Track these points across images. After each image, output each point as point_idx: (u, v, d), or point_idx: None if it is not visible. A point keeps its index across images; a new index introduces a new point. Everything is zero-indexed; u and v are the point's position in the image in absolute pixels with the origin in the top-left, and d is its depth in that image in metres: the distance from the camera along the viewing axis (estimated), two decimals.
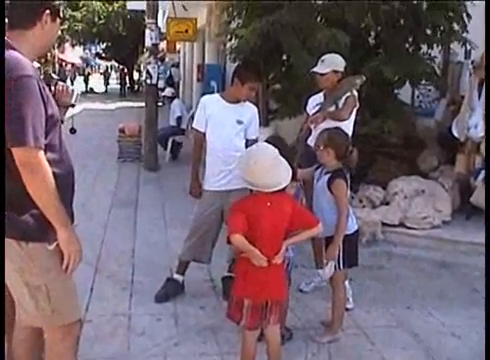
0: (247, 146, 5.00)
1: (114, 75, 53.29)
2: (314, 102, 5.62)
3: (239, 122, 4.98)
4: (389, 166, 8.16)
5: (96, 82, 47.04)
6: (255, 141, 4.96)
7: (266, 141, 3.96)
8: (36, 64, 2.95)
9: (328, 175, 4.40)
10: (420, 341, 4.64)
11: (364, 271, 5.83)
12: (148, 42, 11.38)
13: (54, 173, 2.69)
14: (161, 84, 19.54)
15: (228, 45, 8.33)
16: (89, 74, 47.57)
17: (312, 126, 5.37)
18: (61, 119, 3.31)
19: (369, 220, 6.67)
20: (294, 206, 3.63)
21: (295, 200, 3.76)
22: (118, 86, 40.81)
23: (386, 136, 7.75)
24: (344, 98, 5.35)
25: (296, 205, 3.68)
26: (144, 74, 12.08)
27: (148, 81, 11.49)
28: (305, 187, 4.67)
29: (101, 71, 75.28)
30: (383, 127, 7.29)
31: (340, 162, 4.43)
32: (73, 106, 3.41)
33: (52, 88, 3.19)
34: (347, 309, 4.91)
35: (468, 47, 7.68)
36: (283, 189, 3.58)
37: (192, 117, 5.35)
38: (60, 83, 3.33)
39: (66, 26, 33.84)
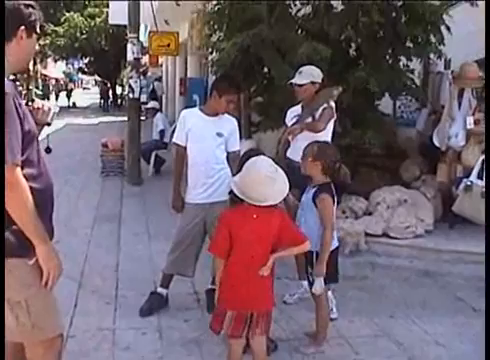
0: (228, 159, 5.03)
1: (97, 90, 53.21)
2: (292, 114, 5.69)
3: (219, 135, 5.00)
4: (371, 176, 8.19)
5: (79, 97, 46.98)
6: (236, 153, 4.99)
7: (245, 154, 3.97)
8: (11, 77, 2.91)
9: (314, 189, 4.41)
10: (404, 350, 4.65)
11: (348, 281, 5.83)
12: (130, 56, 11.38)
13: (32, 188, 2.70)
14: (144, 98, 19.60)
15: (210, 58, 8.36)
16: (72, 89, 47.48)
17: (290, 138, 5.44)
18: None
19: (352, 230, 6.70)
20: (283, 221, 3.62)
21: (285, 215, 3.74)
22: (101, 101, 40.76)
23: (368, 146, 7.79)
24: (321, 109, 5.40)
25: (285, 220, 3.66)
26: (126, 88, 12.07)
27: (130, 95, 11.50)
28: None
29: (84, 86, 75.34)
30: (364, 138, 7.33)
31: (327, 176, 4.42)
32: (49, 125, 3.35)
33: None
34: (331, 319, 4.93)
35: (447, 57, 7.78)
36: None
37: (174, 131, 5.35)
38: (37, 100, 3.31)
39: (48, 41, 33.83)
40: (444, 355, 4.59)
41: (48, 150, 3.74)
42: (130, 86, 11.40)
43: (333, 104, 5.48)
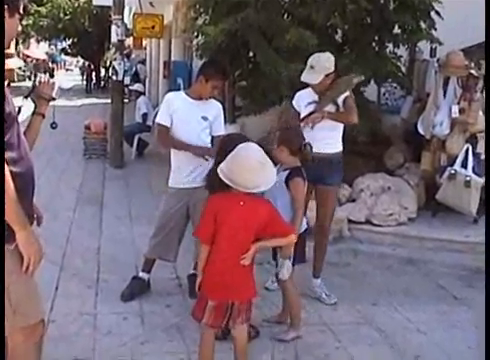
0: (212, 143, 4.99)
1: (79, 71, 52.73)
2: (305, 100, 5.25)
3: (204, 118, 4.96)
4: (356, 163, 8.18)
5: (61, 78, 46.50)
6: (221, 137, 4.94)
7: (224, 138, 3.96)
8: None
9: (286, 172, 4.38)
10: (386, 337, 4.66)
11: (330, 268, 5.83)
12: (114, 38, 11.26)
13: (13, 172, 2.63)
14: (127, 81, 19.44)
15: (195, 42, 8.28)
16: (53, 69, 46.94)
17: (309, 126, 5.03)
18: (42, 113, 3.28)
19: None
20: (271, 211, 3.60)
21: (273, 205, 3.71)
22: (84, 82, 40.38)
23: (354, 134, 7.75)
24: (343, 98, 5.11)
25: (272, 211, 3.63)
26: (110, 70, 11.95)
27: (114, 77, 11.38)
28: None
29: (66, 67, 74.62)
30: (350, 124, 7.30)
31: (297, 159, 4.40)
32: (54, 99, 3.38)
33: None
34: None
35: (434, 45, 7.76)
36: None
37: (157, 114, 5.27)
38: (41, 75, 3.28)
39: (31, 21, 33.38)
40: (426, 342, 4.61)
41: (54, 125, 3.74)
42: (114, 68, 11.27)
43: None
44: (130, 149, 12.19)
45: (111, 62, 12.06)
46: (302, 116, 5.18)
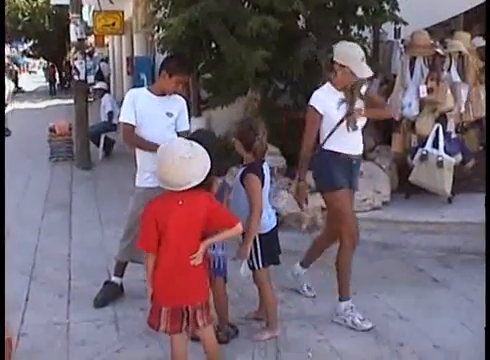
0: None
1: (42, 73, 52.05)
2: (333, 99, 4.57)
3: (169, 114, 4.84)
4: None
5: (25, 81, 45.92)
6: (187, 133, 4.80)
7: (190, 136, 3.85)
8: None
9: (242, 169, 4.25)
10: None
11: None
12: (73, 37, 11.03)
13: None
14: (91, 79, 19.19)
15: (156, 36, 8.11)
16: (17, 72, 46.19)
17: (354, 127, 4.57)
18: None
19: (308, 206, 6.57)
20: (210, 205, 3.44)
21: (213, 198, 3.54)
22: (47, 84, 39.83)
23: None
24: (365, 90, 4.75)
25: (213, 204, 3.47)
26: (73, 70, 11.72)
27: (76, 77, 11.16)
28: None
29: (30, 70, 73.61)
30: None
31: (255, 155, 4.22)
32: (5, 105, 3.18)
33: None
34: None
35: (398, 26, 7.68)
36: (208, 187, 3.43)
37: None
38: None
39: None
40: (408, 329, 4.54)
41: (7, 133, 3.56)
42: (75, 68, 11.05)
43: None
44: (97, 149, 11.98)
45: (72, 62, 11.82)
46: (341, 118, 4.55)
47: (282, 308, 4.66)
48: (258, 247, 4.25)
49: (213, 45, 7.59)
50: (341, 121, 4.54)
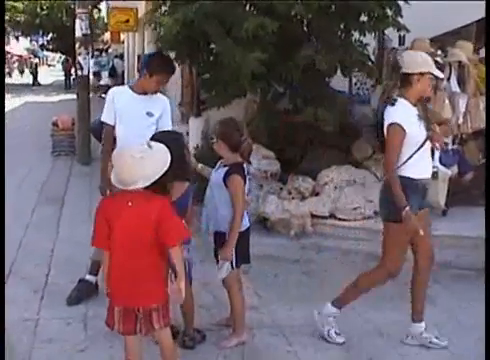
0: None
1: (60, 67, 52.33)
2: (413, 114, 4.18)
3: (149, 114, 4.77)
4: (324, 155, 7.99)
5: (43, 74, 46.12)
6: None
7: (152, 136, 3.81)
8: None
9: (225, 168, 4.16)
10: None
11: (291, 265, 5.66)
12: (78, 32, 11.07)
13: None
14: (105, 75, 19.22)
15: (154, 34, 8.06)
16: (36, 65, 46.38)
17: (440, 147, 4.42)
18: None
19: (297, 212, 6.48)
20: (162, 210, 3.27)
21: (168, 205, 3.34)
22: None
23: (320, 124, 7.56)
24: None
25: (165, 210, 3.29)
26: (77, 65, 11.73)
27: (79, 72, 11.19)
28: None
29: (49, 63, 74.03)
30: (316, 115, 7.12)
31: (237, 155, 4.17)
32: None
33: None
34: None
35: (403, 33, 7.58)
36: (162, 190, 3.32)
37: None
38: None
39: (7, 17, 33.03)
40: (384, 345, 4.41)
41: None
42: (79, 63, 11.06)
43: None
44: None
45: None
46: (424, 137, 4.19)
47: (254, 314, 4.58)
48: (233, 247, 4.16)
49: (212, 46, 7.53)
50: (425, 141, 4.17)
